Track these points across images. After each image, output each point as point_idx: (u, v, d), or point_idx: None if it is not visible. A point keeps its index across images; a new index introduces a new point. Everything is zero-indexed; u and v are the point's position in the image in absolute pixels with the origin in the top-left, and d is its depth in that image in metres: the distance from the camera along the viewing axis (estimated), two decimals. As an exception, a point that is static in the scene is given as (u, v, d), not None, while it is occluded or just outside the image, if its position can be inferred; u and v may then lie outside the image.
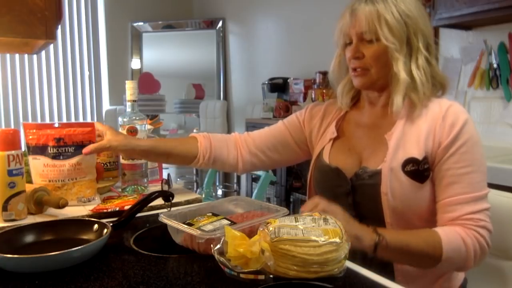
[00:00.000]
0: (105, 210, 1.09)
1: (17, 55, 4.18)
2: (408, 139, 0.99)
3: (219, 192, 4.25)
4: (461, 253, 0.93)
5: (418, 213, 0.99)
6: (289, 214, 0.85)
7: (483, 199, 0.96)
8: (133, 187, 1.28)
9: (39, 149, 1.15)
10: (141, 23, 4.82)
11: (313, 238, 0.71)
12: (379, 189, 0.98)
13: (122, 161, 1.28)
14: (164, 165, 1.52)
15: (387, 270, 0.98)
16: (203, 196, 2.66)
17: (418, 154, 0.97)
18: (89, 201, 1.18)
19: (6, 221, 1.02)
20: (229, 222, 0.85)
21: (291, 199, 3.08)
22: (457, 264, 0.96)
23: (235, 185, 4.19)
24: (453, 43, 2.33)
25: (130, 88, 1.26)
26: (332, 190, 1.08)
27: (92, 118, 4.67)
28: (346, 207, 1.02)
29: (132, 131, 1.25)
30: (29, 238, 0.89)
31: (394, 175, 0.97)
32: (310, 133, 1.21)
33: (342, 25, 1.04)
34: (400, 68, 0.98)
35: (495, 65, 2.11)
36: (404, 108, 1.01)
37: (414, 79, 0.99)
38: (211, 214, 0.90)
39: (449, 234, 0.93)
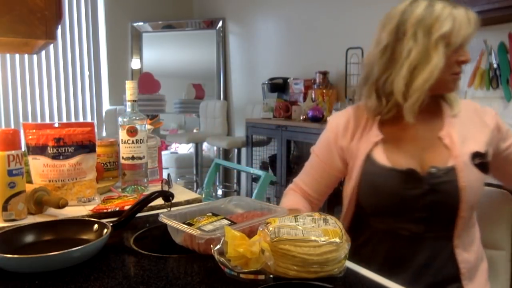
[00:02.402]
0: (105, 210, 1.09)
1: (17, 55, 4.18)
2: (466, 135, 1.06)
3: (219, 192, 4.25)
4: None
5: (477, 202, 1.07)
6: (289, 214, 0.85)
7: None
8: (133, 187, 1.28)
9: (39, 149, 1.14)
10: (141, 23, 4.82)
11: (313, 238, 0.71)
12: (457, 184, 1.02)
13: (122, 161, 1.28)
14: (164, 165, 1.52)
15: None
16: (203, 196, 2.66)
17: (480, 147, 1.05)
18: (89, 201, 1.18)
19: (6, 221, 1.02)
20: (229, 222, 0.85)
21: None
22: None
23: (235, 185, 4.19)
24: (453, 43, 2.33)
25: (130, 88, 1.26)
26: (401, 193, 1.04)
27: (92, 118, 4.67)
28: (417, 209, 1.04)
29: (132, 131, 1.25)
30: (29, 238, 0.89)
31: (468, 169, 1.03)
32: (347, 146, 1.14)
33: (467, 32, 1.02)
34: None
35: (495, 65, 2.11)
36: (445, 108, 1.10)
37: None
38: (211, 214, 0.90)
39: None
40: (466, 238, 1.06)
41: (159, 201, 1.02)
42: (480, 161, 1.04)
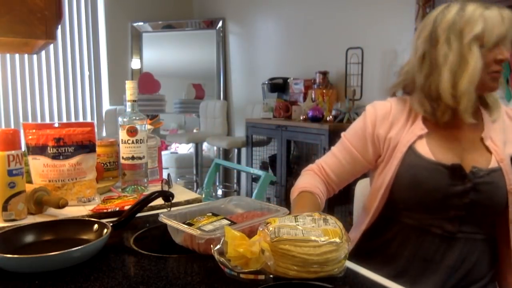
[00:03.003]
0: (105, 210, 1.09)
1: (17, 55, 4.18)
2: (505, 138, 1.08)
3: (219, 192, 4.25)
4: None
5: None
6: (289, 214, 0.85)
7: None
8: (133, 187, 1.28)
9: (39, 149, 1.14)
10: (141, 23, 4.82)
11: (313, 238, 0.71)
12: (505, 188, 1.03)
13: (122, 161, 1.28)
14: (164, 165, 1.52)
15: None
16: (203, 196, 2.66)
17: None
18: (89, 201, 1.18)
19: (6, 221, 1.02)
20: (229, 222, 0.85)
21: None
22: None
23: (235, 185, 4.19)
24: (453, 43, 2.32)
25: (130, 88, 1.26)
26: (444, 188, 1.03)
27: (92, 118, 4.67)
28: (456, 207, 1.03)
29: (132, 131, 1.25)
30: (29, 238, 0.89)
31: (511, 172, 1.04)
32: (383, 136, 1.12)
33: (500, 30, 1.00)
34: None
35: (495, 65, 2.11)
36: (483, 111, 1.12)
37: None
38: (211, 214, 0.90)
39: None
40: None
41: (159, 201, 1.02)
42: None
